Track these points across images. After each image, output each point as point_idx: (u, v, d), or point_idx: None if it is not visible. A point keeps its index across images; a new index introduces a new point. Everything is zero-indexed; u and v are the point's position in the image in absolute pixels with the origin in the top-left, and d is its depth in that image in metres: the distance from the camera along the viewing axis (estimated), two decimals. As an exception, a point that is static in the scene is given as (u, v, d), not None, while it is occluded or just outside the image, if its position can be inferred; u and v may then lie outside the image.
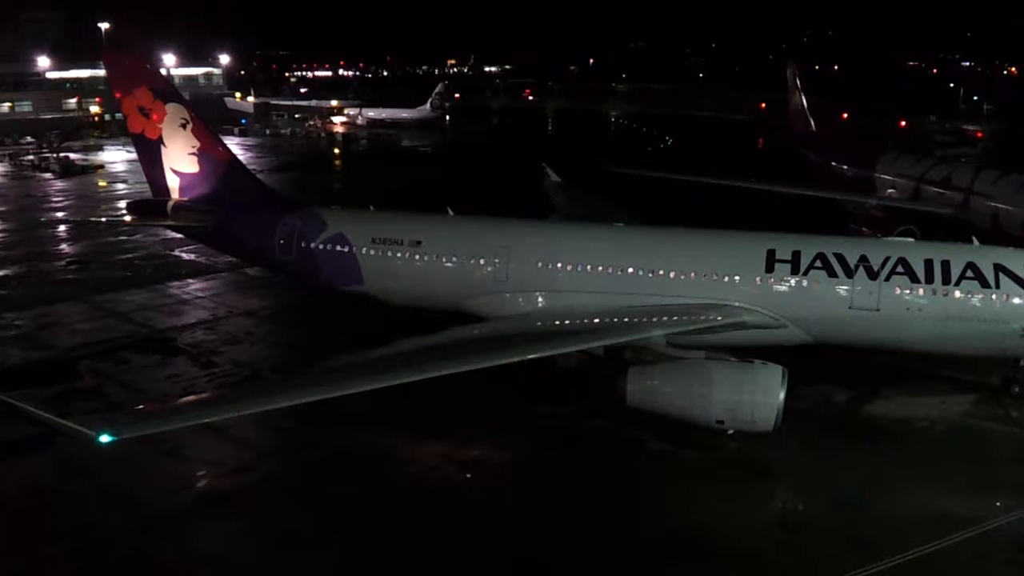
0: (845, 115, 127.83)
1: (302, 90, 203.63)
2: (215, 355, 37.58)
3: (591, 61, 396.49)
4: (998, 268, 30.10)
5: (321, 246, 36.38)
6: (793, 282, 31.33)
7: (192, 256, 54.51)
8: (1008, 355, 31.84)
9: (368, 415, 29.12)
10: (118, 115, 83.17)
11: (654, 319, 30.35)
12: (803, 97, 78.08)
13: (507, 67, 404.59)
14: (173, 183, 39.40)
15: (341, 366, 26.37)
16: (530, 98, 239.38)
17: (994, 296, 29.78)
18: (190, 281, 49.51)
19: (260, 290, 47.01)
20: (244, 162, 45.71)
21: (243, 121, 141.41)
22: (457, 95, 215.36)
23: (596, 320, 30.97)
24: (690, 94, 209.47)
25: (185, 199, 39.36)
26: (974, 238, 33.88)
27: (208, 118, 42.45)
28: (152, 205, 40.30)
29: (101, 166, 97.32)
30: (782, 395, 27.17)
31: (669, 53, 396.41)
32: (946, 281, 30.16)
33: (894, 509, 25.50)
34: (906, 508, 25.57)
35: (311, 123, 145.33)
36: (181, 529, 24.52)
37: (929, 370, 34.65)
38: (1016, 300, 29.67)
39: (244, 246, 39.70)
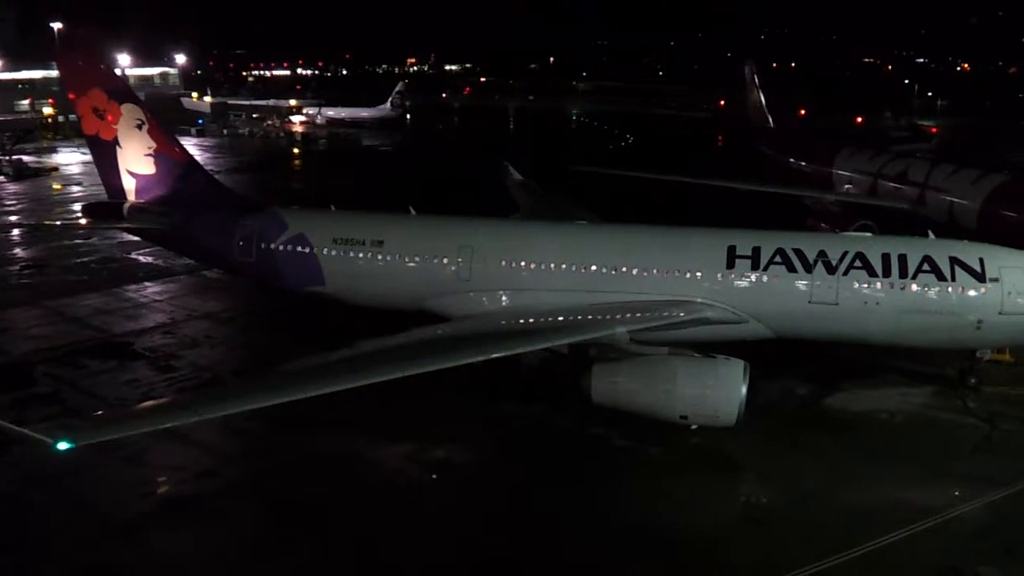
0: (803, 112, 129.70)
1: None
2: (174, 359, 37.01)
3: (552, 59, 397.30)
4: (954, 261, 30.55)
5: (281, 247, 35.99)
6: (754, 278, 31.57)
7: (149, 259, 53.67)
8: (965, 347, 32.30)
9: (331, 417, 28.84)
10: (72, 116, 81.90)
11: (618, 316, 30.40)
12: (761, 94, 78.87)
13: (468, 65, 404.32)
14: (129, 185, 38.82)
15: (303, 368, 26.09)
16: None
17: (950, 289, 30.22)
18: (147, 284, 48.73)
19: (219, 293, 46.40)
20: (201, 162, 45.26)
21: (200, 121, 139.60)
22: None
23: (560, 318, 30.96)
24: (650, 92, 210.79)
25: (142, 201, 38.80)
26: (930, 232, 34.34)
27: (164, 119, 41.86)
28: (108, 207, 39.67)
29: (55, 168, 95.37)
30: (744, 389, 27.41)
31: (629, 51, 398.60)
32: (903, 275, 30.55)
33: (856, 500, 25.85)
34: (867, 499, 25.92)
35: (269, 123, 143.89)
36: (143, 536, 24.13)
37: (888, 363, 35.17)
38: (972, 292, 30.15)
39: (202, 248, 39.11)
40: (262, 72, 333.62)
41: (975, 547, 23.60)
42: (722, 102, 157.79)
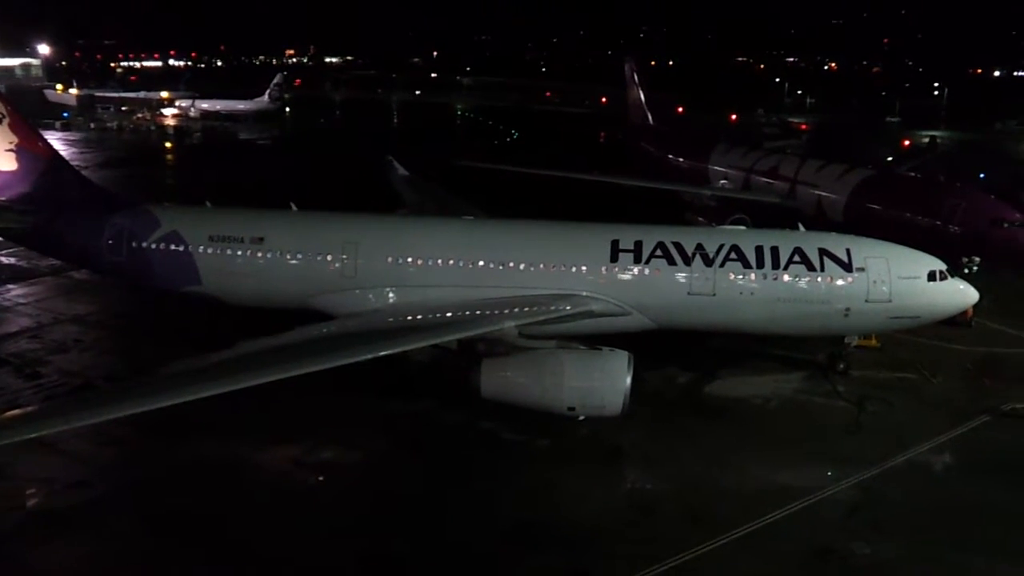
0: (680, 109, 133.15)
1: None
2: (41, 365, 35.19)
3: (435, 53, 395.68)
4: (822, 252, 32.09)
5: (154, 246, 34.71)
6: (636, 271, 32.34)
7: (12, 260, 50.85)
8: (833, 333, 33.96)
9: (212, 422, 28.03)
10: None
11: (505, 311, 30.60)
12: (641, 92, 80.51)
13: (349, 58, 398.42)
14: (-12, 182, 36.64)
15: (181, 371, 25.24)
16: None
17: (819, 279, 31.73)
18: (10, 286, 46.20)
19: (88, 294, 44.37)
20: (67, 158, 43.41)
21: (65, 115, 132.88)
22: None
23: (448, 314, 30.88)
24: (533, 88, 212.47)
25: (3, 199, 36.76)
26: (800, 224, 35.90)
27: (27, 112, 39.88)
28: (-35, 206, 37.31)
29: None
30: (629, 380, 28.05)
31: (512, 47, 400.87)
32: (776, 266, 31.92)
33: (735, 483, 26.81)
34: (746, 482, 26.92)
35: (139, 116, 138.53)
36: (14, 551, 22.91)
37: (762, 350, 36.58)
38: (840, 282, 31.71)
39: (69, 247, 37.39)
40: (132, 63, 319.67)
41: (847, 525, 24.81)
42: (604, 99, 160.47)
